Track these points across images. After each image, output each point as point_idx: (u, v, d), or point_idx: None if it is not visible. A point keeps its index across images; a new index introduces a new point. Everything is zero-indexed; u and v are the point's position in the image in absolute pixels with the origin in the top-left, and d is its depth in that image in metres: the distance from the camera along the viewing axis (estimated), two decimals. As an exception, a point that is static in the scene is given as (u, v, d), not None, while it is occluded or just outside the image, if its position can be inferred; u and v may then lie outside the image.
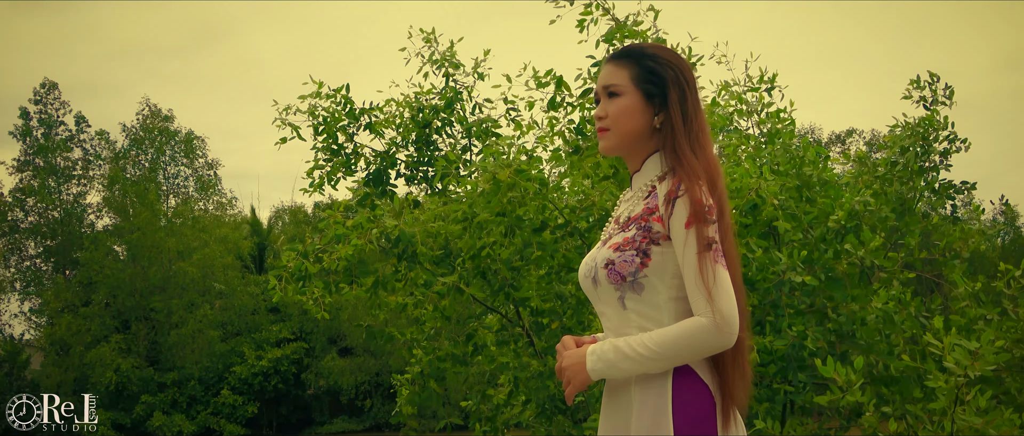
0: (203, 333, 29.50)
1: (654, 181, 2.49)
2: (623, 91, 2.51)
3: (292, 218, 36.93)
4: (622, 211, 2.57)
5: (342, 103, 6.55)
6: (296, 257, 5.12)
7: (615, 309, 2.48)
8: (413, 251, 5.09)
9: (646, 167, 2.54)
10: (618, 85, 2.52)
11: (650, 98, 2.50)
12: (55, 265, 32.11)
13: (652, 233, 2.42)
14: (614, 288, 2.45)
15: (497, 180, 4.92)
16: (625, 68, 2.53)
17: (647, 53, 2.55)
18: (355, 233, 5.02)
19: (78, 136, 32.00)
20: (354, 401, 31.45)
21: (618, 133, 2.52)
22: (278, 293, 5.10)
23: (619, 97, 2.51)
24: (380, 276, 5.17)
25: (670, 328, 2.37)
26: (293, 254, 5.14)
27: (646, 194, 2.49)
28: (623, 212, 2.56)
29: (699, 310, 2.35)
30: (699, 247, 2.35)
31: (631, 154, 2.56)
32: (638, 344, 2.37)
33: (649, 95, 2.50)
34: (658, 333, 2.37)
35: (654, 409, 2.38)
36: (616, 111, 2.51)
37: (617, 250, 2.44)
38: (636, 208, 2.50)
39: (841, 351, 4.83)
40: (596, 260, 2.50)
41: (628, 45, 2.94)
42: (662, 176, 2.48)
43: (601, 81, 2.57)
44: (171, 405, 29.49)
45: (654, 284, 2.42)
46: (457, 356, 5.92)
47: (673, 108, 2.49)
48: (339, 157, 6.57)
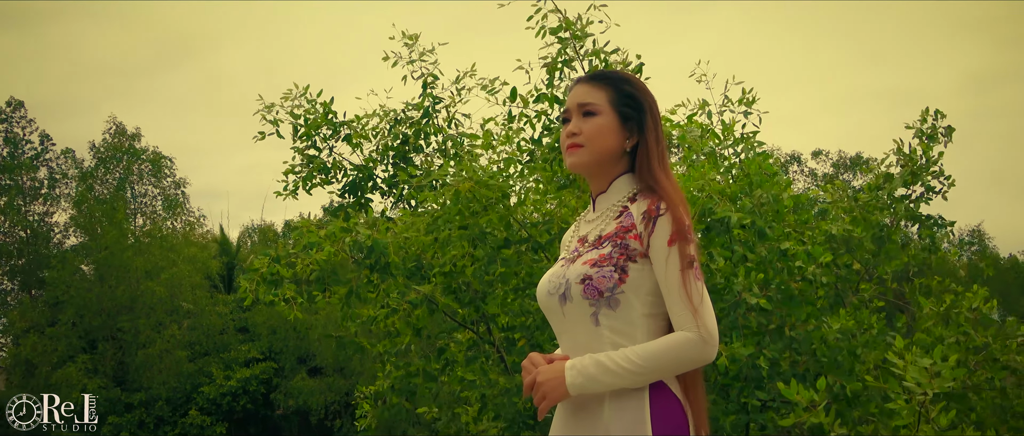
0: (171, 353, 29.20)
1: (625, 202, 2.58)
2: (600, 111, 2.59)
3: (261, 237, 36.74)
4: (589, 231, 2.63)
5: (324, 111, 6.57)
6: (269, 262, 5.13)
7: (585, 326, 2.52)
8: (386, 262, 5.12)
9: (614, 188, 2.62)
10: (595, 105, 2.61)
11: (626, 121, 2.60)
12: (21, 285, 31.73)
13: (629, 250, 2.48)
14: (588, 304, 2.49)
15: (458, 192, 4.97)
16: (602, 90, 2.61)
17: (624, 78, 2.65)
18: (328, 242, 5.04)
19: (44, 155, 31.74)
20: (323, 421, 31.21)
21: (592, 151, 2.60)
22: (250, 297, 5.10)
23: (595, 116, 2.60)
24: (354, 285, 5.19)
25: (656, 342, 2.43)
26: (266, 259, 5.15)
27: (617, 214, 2.57)
28: (591, 231, 2.62)
29: (684, 325, 2.43)
30: (682, 264, 2.44)
31: (599, 174, 2.65)
32: (621, 359, 2.42)
33: (625, 118, 2.60)
34: (643, 347, 2.43)
35: (631, 423, 2.43)
36: (592, 129, 2.59)
37: (594, 266, 2.49)
38: (607, 227, 2.56)
39: (801, 370, 4.88)
40: (567, 277, 2.54)
41: (603, 70, 3.05)
42: (633, 197, 2.57)
43: (575, 99, 2.63)
44: (138, 426, 29.15)
45: (630, 300, 2.48)
46: (428, 372, 5.92)
47: (649, 133, 2.59)
48: (317, 161, 6.59)
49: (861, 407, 4.83)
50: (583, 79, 2.68)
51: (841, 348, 4.83)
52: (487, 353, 6.09)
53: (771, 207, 5.16)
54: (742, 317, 4.75)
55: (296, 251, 5.09)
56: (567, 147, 2.63)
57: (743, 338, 4.78)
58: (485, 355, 6.08)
